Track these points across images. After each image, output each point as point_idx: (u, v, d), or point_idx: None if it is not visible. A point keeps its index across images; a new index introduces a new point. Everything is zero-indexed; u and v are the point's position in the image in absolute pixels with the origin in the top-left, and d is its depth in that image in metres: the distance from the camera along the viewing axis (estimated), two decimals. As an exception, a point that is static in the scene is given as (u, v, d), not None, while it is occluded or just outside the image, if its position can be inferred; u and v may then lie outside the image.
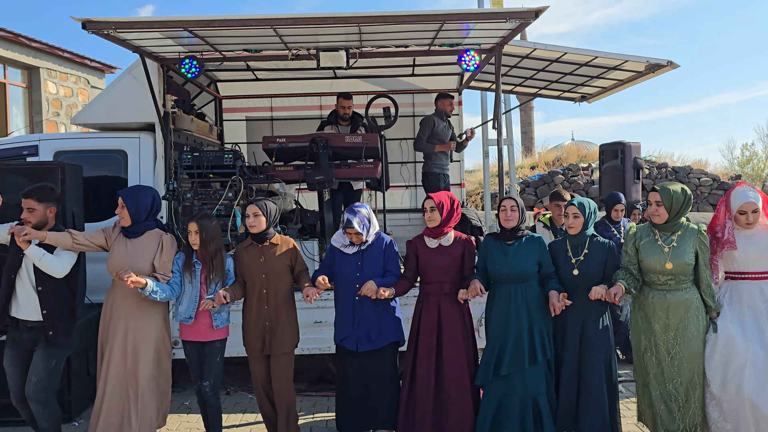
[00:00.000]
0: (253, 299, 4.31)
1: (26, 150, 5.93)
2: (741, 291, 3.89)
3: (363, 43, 5.41)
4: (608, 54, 5.82)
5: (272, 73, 7.66)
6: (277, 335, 4.30)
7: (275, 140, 5.98)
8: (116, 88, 6.00)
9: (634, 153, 7.60)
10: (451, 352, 4.12)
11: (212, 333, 4.27)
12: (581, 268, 4.00)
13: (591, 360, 3.98)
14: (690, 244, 3.90)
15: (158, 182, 5.89)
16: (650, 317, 3.98)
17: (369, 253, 4.26)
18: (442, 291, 4.17)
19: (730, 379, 3.74)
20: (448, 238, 4.22)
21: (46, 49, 14.47)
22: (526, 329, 3.99)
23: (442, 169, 6.70)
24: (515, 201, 4.12)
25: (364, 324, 4.20)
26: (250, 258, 4.33)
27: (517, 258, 4.05)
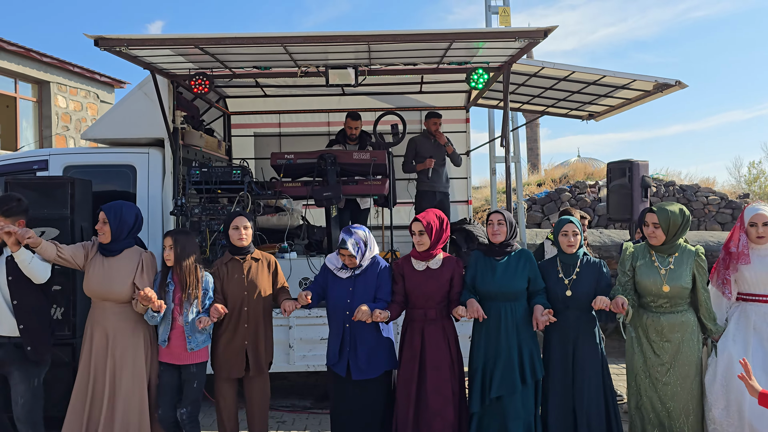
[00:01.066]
0: (232, 317, 4.18)
1: (36, 164, 5.97)
2: (749, 313, 3.83)
3: (372, 60, 5.44)
4: (616, 73, 5.83)
5: (281, 89, 7.72)
6: (258, 355, 4.21)
7: (284, 156, 6.00)
8: (126, 103, 6.05)
9: (642, 171, 7.56)
10: (435, 382, 3.89)
11: (188, 356, 4.09)
12: (574, 288, 3.93)
13: (583, 381, 3.90)
14: (687, 267, 3.86)
15: (167, 197, 5.92)
16: (645, 340, 3.94)
17: (362, 278, 4.05)
18: (426, 317, 3.97)
19: (732, 403, 3.69)
20: (437, 260, 4.04)
21: (57, 64, 14.63)
22: (515, 350, 3.88)
23: (433, 187, 6.72)
24: (502, 215, 4.02)
25: (354, 352, 3.98)
26: (230, 274, 4.21)
27: (506, 276, 3.93)
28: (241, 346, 4.19)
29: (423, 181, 6.71)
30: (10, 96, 14.01)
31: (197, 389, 4.13)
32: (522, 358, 3.88)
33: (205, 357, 4.19)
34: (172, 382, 4.12)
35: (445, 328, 4.00)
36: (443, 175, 6.82)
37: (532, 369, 3.89)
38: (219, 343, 4.23)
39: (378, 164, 5.90)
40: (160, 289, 4.03)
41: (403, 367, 4.01)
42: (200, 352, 4.15)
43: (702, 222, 11.72)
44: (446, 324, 4.02)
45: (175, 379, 4.12)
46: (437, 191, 6.72)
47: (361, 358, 3.97)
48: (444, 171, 6.83)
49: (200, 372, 4.16)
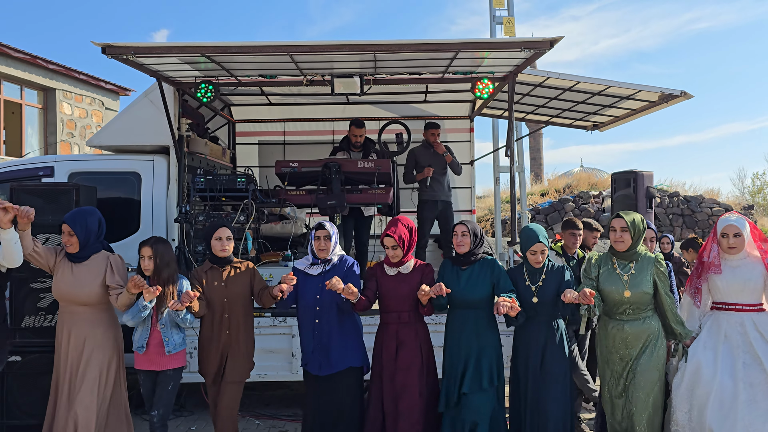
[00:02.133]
0: (214, 324, 4.22)
1: (41, 171, 5.98)
2: (721, 321, 3.90)
3: (377, 70, 5.45)
4: (621, 84, 5.83)
5: (285, 98, 7.74)
6: (234, 361, 4.21)
7: (288, 164, 6.00)
8: (132, 111, 6.07)
9: (647, 182, 7.57)
10: (404, 382, 4.04)
11: (166, 360, 4.12)
12: (540, 294, 4.03)
13: (550, 386, 3.98)
14: (648, 273, 3.95)
15: (171, 205, 5.93)
16: (611, 347, 4.03)
17: (331, 274, 4.15)
18: (400, 320, 4.12)
19: (694, 408, 3.77)
20: (408, 265, 4.18)
21: (63, 71, 14.70)
22: (474, 355, 4.00)
23: (434, 196, 6.65)
24: (466, 226, 4.13)
25: (325, 347, 4.13)
26: (210, 282, 4.24)
27: (469, 284, 4.06)
28: (222, 352, 4.20)
29: (423, 190, 6.68)
30: (15, 103, 14.08)
31: (171, 392, 4.16)
32: (481, 363, 3.99)
33: (182, 362, 4.23)
34: (150, 390, 4.15)
35: (417, 331, 4.13)
36: (444, 184, 6.78)
37: (490, 375, 3.99)
38: (202, 348, 4.27)
39: (382, 173, 5.90)
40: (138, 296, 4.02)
41: (384, 369, 4.11)
42: (177, 355, 4.18)
43: (706, 233, 11.69)
44: (419, 327, 4.17)
45: (152, 386, 4.16)
46: (438, 200, 6.67)
47: (330, 352, 4.11)
48: (445, 180, 6.77)
49: (176, 376, 4.18)
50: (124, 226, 5.97)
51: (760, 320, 3.83)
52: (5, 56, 13.17)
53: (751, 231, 3.92)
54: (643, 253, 4.04)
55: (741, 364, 3.72)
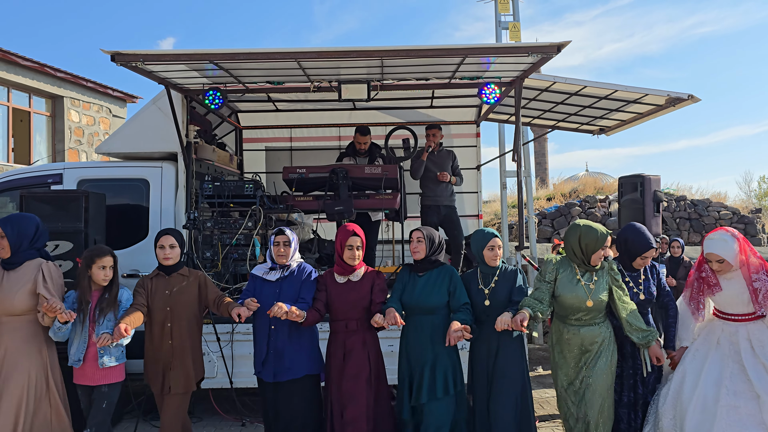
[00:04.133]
0: (157, 333, 4.13)
1: (51, 178, 6.02)
2: (716, 328, 3.91)
3: (384, 76, 5.47)
4: (628, 87, 5.83)
5: (292, 104, 7.76)
6: (176, 373, 4.10)
7: (296, 170, 6.03)
8: (140, 118, 6.11)
9: (654, 186, 7.53)
10: (351, 391, 3.96)
11: (100, 376, 3.94)
12: (492, 297, 4.01)
13: (501, 391, 3.94)
14: (605, 281, 3.96)
15: (179, 211, 5.95)
16: (566, 353, 4.03)
17: (289, 281, 4.14)
18: (347, 328, 4.06)
19: (678, 415, 3.78)
20: (358, 273, 4.13)
21: (70, 79, 14.80)
22: (429, 363, 3.95)
23: (437, 201, 6.53)
24: (422, 232, 4.10)
25: (279, 354, 4.06)
26: (156, 290, 4.15)
27: (425, 290, 4.02)
28: (165, 362, 4.10)
29: (426, 195, 6.58)
30: (24, 110, 14.17)
31: (105, 410, 3.97)
32: (436, 371, 3.94)
33: (120, 377, 4.06)
34: (87, 404, 4.02)
35: (365, 340, 4.07)
36: (448, 188, 6.63)
37: (444, 382, 3.93)
38: (147, 357, 4.18)
39: (389, 178, 5.92)
40: (80, 308, 3.94)
41: (332, 377, 4.07)
42: (114, 370, 4.02)
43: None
44: (367, 336, 4.09)
45: (88, 400, 4.02)
46: (441, 205, 6.54)
47: (285, 358, 4.05)
48: (448, 184, 6.64)
49: (112, 392, 4.01)
50: (133, 233, 6.00)
51: (754, 329, 3.79)
52: (14, 64, 13.28)
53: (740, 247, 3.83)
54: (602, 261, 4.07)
55: (728, 373, 3.71)
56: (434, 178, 6.46)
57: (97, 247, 4.14)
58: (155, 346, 4.13)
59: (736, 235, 3.88)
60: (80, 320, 3.94)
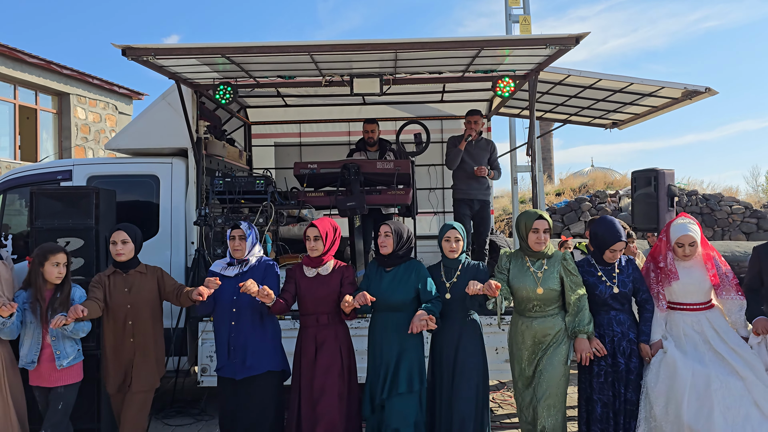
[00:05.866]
0: (116, 331, 4.04)
1: (60, 175, 5.98)
2: (677, 321, 3.94)
3: (397, 69, 5.40)
4: (644, 80, 5.75)
5: (301, 99, 7.69)
6: (140, 370, 4.05)
7: (307, 166, 5.95)
8: (150, 113, 6.05)
9: (668, 180, 7.43)
10: (322, 385, 3.90)
11: (56, 377, 3.88)
12: (453, 291, 3.98)
13: (462, 384, 3.92)
14: (556, 270, 3.95)
15: (190, 207, 5.90)
16: (520, 344, 4.02)
17: (249, 275, 4.05)
18: (318, 323, 3.99)
19: (671, 401, 3.76)
20: (327, 267, 4.07)
21: (77, 76, 14.77)
22: (394, 359, 3.90)
23: (469, 195, 6.31)
24: (389, 226, 4.02)
25: (241, 350, 3.98)
26: (114, 287, 4.06)
27: (391, 286, 3.96)
28: (128, 360, 4.04)
29: (459, 188, 6.33)
30: (30, 108, 14.15)
31: (61, 411, 3.92)
32: (399, 367, 3.89)
33: (77, 377, 4.02)
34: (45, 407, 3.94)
35: (337, 333, 4.02)
36: (483, 182, 6.30)
37: (408, 380, 3.88)
38: (106, 357, 4.10)
39: (402, 174, 5.84)
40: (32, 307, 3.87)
41: (302, 373, 3.99)
42: (71, 370, 3.97)
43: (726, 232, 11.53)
44: (339, 329, 4.05)
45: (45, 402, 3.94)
46: (475, 199, 6.27)
47: (247, 354, 3.97)
48: (484, 177, 6.31)
49: (69, 393, 3.96)
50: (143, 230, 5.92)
51: (713, 317, 3.91)
52: (20, 61, 13.25)
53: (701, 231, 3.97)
54: (552, 250, 4.06)
55: (707, 359, 3.79)
56: (470, 171, 6.20)
57: (50, 244, 4.08)
58: (116, 344, 4.04)
59: (695, 221, 4.03)
60: (32, 320, 3.85)
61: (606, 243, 4.01)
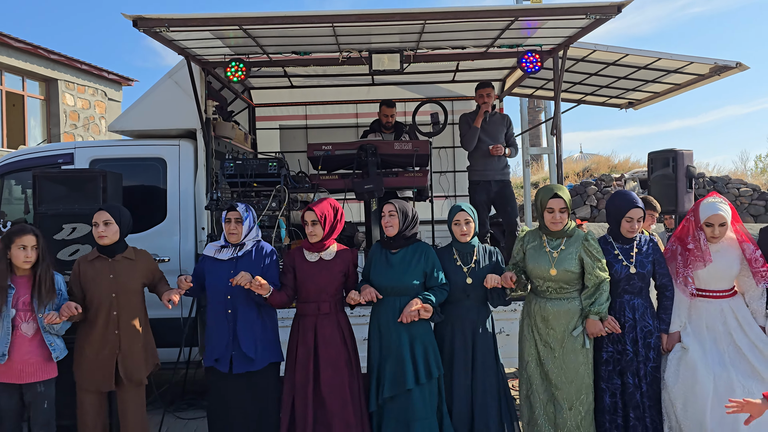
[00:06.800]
0: (99, 323, 3.72)
1: (61, 158, 5.67)
2: (701, 310, 3.70)
3: (420, 44, 5.13)
4: (673, 55, 5.54)
5: (308, 79, 7.42)
6: (131, 365, 3.75)
7: (321, 147, 5.68)
8: (156, 93, 5.74)
9: (687, 161, 7.26)
10: (331, 381, 3.64)
11: (30, 372, 3.54)
12: (473, 275, 3.76)
13: (485, 372, 3.74)
14: (574, 251, 3.71)
15: (199, 191, 5.63)
16: (533, 327, 3.82)
17: (245, 261, 3.79)
18: (319, 311, 3.72)
19: (689, 402, 3.54)
20: (330, 251, 3.80)
21: (65, 61, 14.33)
22: (407, 347, 3.64)
23: (486, 176, 5.89)
24: (394, 205, 3.77)
25: (239, 341, 3.69)
26: (96, 274, 3.75)
27: (399, 270, 3.72)
28: (111, 355, 3.72)
29: (474, 169, 5.98)
30: (17, 94, 13.71)
31: (48, 410, 3.62)
32: (414, 355, 3.65)
33: (53, 372, 3.67)
34: (12, 406, 3.55)
35: (339, 323, 3.77)
36: (500, 160, 5.91)
37: (426, 367, 3.64)
38: (84, 351, 3.76)
39: (420, 155, 5.59)
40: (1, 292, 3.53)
41: (298, 367, 3.71)
42: (50, 365, 3.65)
43: (733, 214, 11.41)
44: (341, 318, 3.81)
45: (14, 402, 3.56)
46: (492, 180, 5.86)
47: (247, 346, 3.69)
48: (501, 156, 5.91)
49: (48, 389, 3.64)
50: (150, 215, 5.66)
51: (736, 306, 3.69)
52: (6, 46, 12.80)
53: (733, 212, 3.72)
54: (573, 227, 3.81)
55: (728, 358, 3.57)
56: (485, 150, 5.81)
57: (18, 226, 3.71)
58: (98, 337, 3.72)
59: (726, 201, 3.76)
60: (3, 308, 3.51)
61: (621, 211, 3.74)
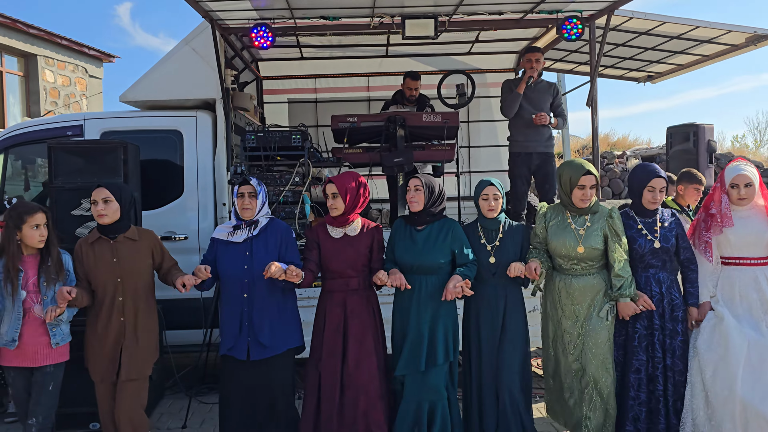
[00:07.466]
0: (103, 309, 3.48)
1: (70, 130, 5.32)
2: (733, 278, 3.59)
3: (458, 8, 4.88)
4: (712, 23, 5.39)
5: (320, 51, 7.12)
6: (134, 355, 3.50)
7: (346, 119, 5.39)
8: (171, 61, 5.39)
9: (708, 135, 7.20)
10: (357, 356, 3.51)
11: (44, 355, 3.38)
12: (498, 254, 3.63)
13: (511, 354, 3.61)
14: (600, 228, 3.59)
15: (219, 165, 5.34)
16: (557, 304, 3.69)
17: (261, 240, 3.56)
18: (348, 287, 3.56)
19: (720, 370, 3.44)
20: (355, 226, 3.64)
21: (44, 36, 13.70)
22: (426, 327, 3.51)
23: (527, 147, 5.52)
24: (420, 180, 3.60)
25: (255, 327, 3.48)
26: (98, 257, 3.49)
27: (425, 247, 3.57)
28: (116, 343, 3.48)
29: (515, 140, 5.61)
30: (-5, 70, 13.09)
31: (52, 393, 3.42)
32: (434, 336, 3.51)
33: (66, 355, 3.49)
34: (22, 389, 3.42)
35: (369, 299, 3.64)
36: (544, 132, 5.52)
37: (445, 349, 3.52)
38: (90, 340, 3.54)
39: (451, 127, 5.35)
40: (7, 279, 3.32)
41: (325, 344, 3.56)
42: (61, 349, 3.47)
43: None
44: (370, 294, 3.67)
45: (24, 384, 3.42)
46: (534, 152, 5.49)
47: (264, 332, 3.48)
48: (545, 127, 5.53)
49: (57, 372, 3.45)
50: (166, 191, 5.36)
51: None
52: (-17, 19, 12.17)
53: (759, 176, 3.63)
54: (598, 203, 3.68)
55: (764, 326, 3.45)
56: (528, 119, 5.42)
57: (22, 203, 3.45)
58: (102, 324, 3.48)
59: (752, 165, 3.66)
60: (9, 293, 3.30)
61: (642, 182, 3.62)
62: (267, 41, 4.88)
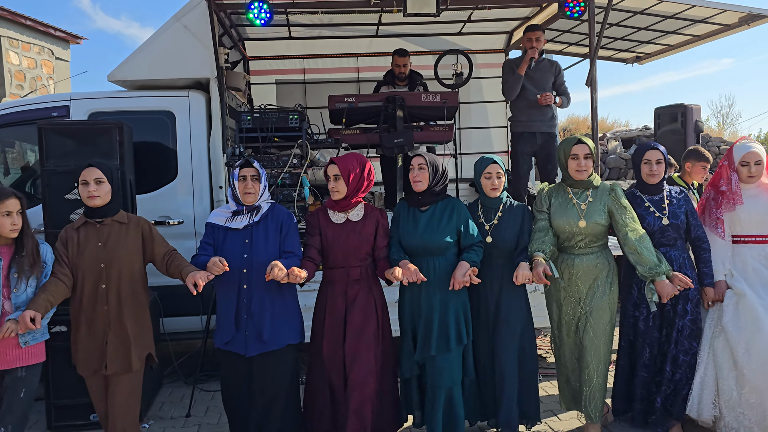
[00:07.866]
0: (86, 298, 3.27)
1: (55, 111, 5.09)
2: (745, 256, 3.64)
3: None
4: (708, 2, 5.40)
5: (308, 30, 6.95)
6: (117, 347, 3.28)
7: (344, 100, 5.27)
8: (162, 38, 5.17)
9: (695, 115, 7.27)
10: (354, 349, 3.36)
11: (14, 356, 3.10)
12: (495, 234, 3.56)
13: (504, 338, 3.53)
14: (602, 203, 3.57)
15: (214, 147, 5.18)
16: (559, 285, 3.67)
17: (261, 228, 3.38)
18: (349, 277, 3.42)
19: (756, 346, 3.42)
20: (357, 211, 3.50)
21: (8, 16, 13.15)
22: (437, 311, 3.42)
23: (531, 127, 5.46)
24: (424, 158, 3.48)
25: (254, 320, 3.30)
26: (84, 242, 3.28)
27: (429, 228, 3.46)
28: (101, 335, 3.28)
29: (518, 120, 5.56)
30: (-43, 51, 12.53)
31: (24, 400, 3.14)
32: (446, 321, 3.42)
33: (40, 356, 3.24)
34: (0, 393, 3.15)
35: (372, 290, 3.48)
36: (547, 111, 5.48)
37: (458, 333, 3.43)
38: (75, 331, 3.35)
39: (450, 107, 5.28)
40: None
41: (326, 337, 3.43)
42: (35, 349, 3.20)
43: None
44: (373, 285, 3.51)
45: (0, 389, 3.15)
46: (537, 132, 5.45)
47: (263, 326, 3.30)
48: (549, 106, 5.49)
49: (31, 376, 3.17)
50: (159, 174, 5.18)
51: None
52: (-56, -4, 11.61)
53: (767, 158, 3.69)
54: (598, 180, 3.66)
55: None
56: (531, 99, 5.37)
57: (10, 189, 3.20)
58: (86, 314, 3.28)
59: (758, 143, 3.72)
60: None
61: (639, 157, 3.66)
62: (266, 18, 4.71)
